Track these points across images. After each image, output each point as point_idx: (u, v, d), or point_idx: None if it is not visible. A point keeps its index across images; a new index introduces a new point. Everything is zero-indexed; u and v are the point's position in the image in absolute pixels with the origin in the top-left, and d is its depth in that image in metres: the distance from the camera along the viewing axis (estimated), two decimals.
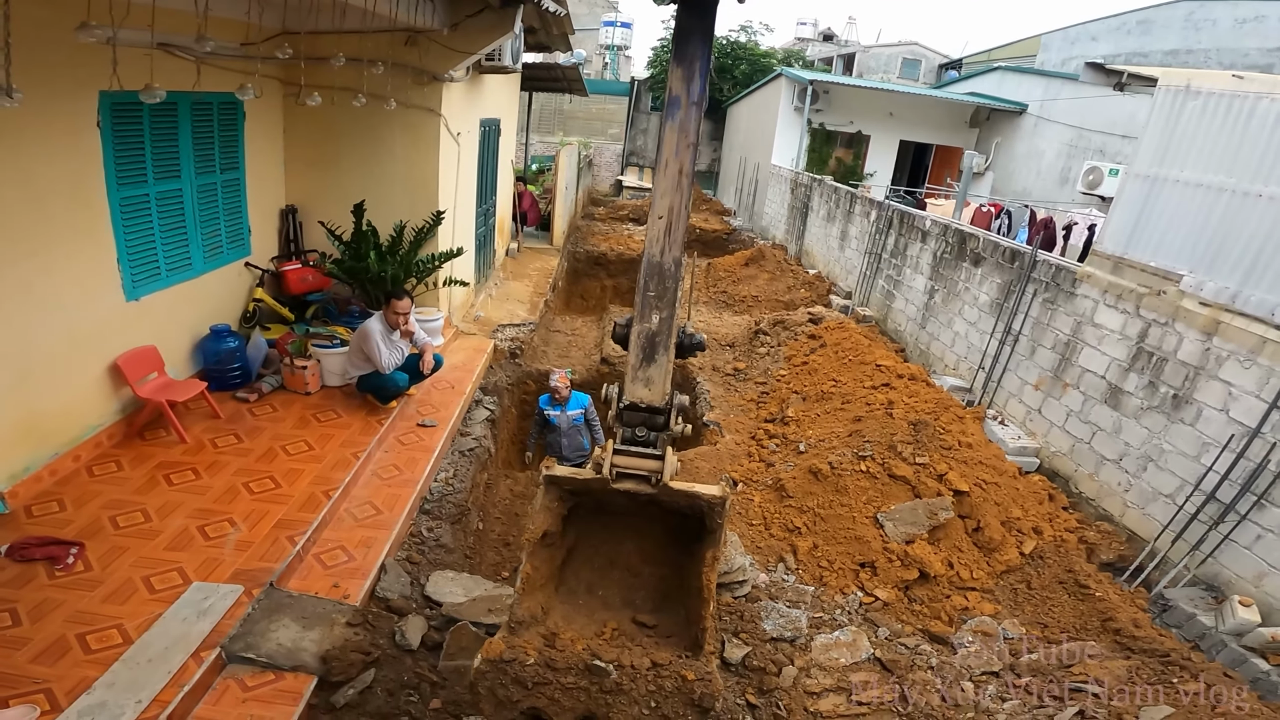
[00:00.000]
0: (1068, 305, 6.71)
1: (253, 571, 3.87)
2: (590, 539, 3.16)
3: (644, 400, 2.89)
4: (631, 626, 3.07)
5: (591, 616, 3.09)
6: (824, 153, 18.22)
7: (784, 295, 11.84)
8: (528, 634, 2.94)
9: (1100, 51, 17.53)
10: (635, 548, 3.17)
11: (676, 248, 2.89)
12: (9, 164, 3.90)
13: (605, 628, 3.05)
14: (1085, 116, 14.97)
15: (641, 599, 3.17)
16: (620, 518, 3.04)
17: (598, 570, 3.19)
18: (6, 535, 3.88)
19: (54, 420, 4.45)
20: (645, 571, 3.18)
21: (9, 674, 3.08)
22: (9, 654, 3.17)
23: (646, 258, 2.93)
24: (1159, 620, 4.79)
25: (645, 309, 2.89)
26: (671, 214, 2.89)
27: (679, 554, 3.11)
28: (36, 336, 4.25)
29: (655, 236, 2.90)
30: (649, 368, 2.87)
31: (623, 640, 2.97)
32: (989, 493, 5.23)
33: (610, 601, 3.19)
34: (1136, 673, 4.03)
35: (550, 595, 3.09)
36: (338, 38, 5.59)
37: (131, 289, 4.92)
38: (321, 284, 6.86)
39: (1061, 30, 19.87)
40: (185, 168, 5.29)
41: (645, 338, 2.87)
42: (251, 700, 3.22)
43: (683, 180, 2.91)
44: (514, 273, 11.40)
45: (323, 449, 5.18)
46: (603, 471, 2.78)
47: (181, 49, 4.77)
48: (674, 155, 2.94)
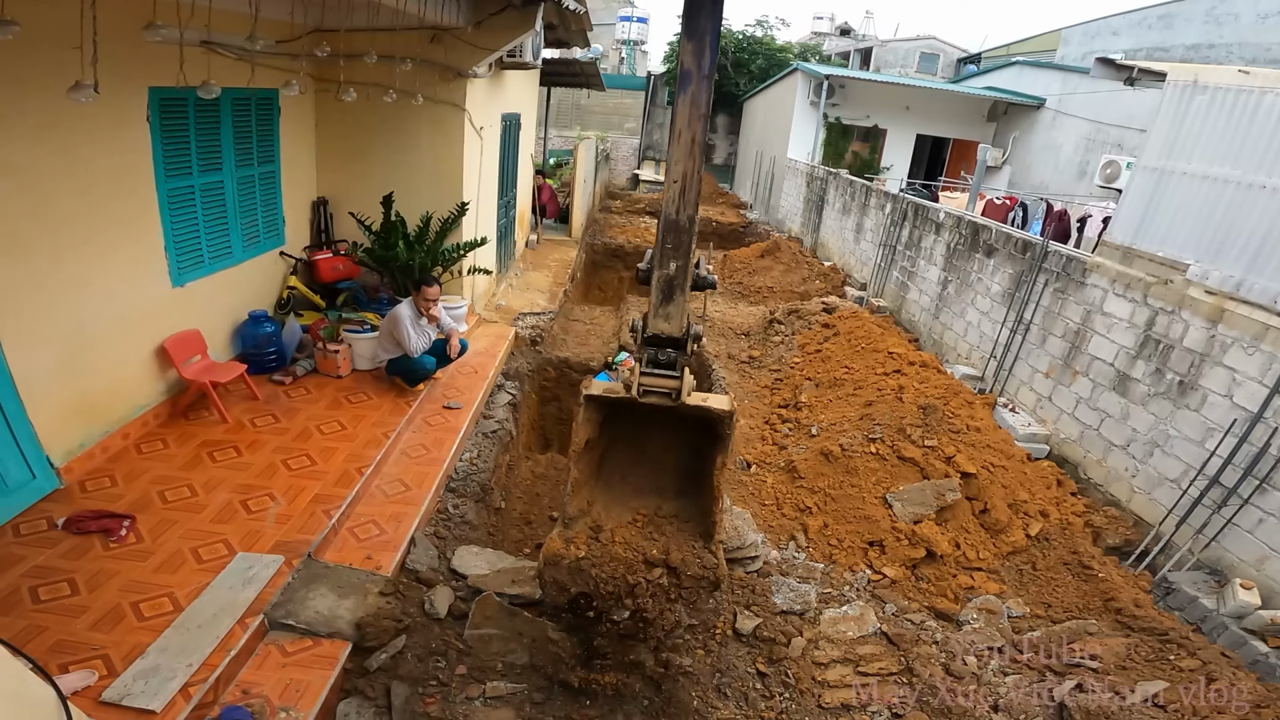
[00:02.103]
0: (1078, 295, 6.82)
1: (292, 543, 4.05)
2: (622, 440, 3.65)
3: (664, 332, 3.30)
4: (658, 515, 3.63)
5: (626, 504, 3.65)
6: (840, 146, 18.27)
7: (799, 286, 11.98)
8: (577, 527, 3.50)
9: (1121, 46, 17.40)
10: (659, 444, 3.65)
11: (690, 206, 3.18)
12: (66, 156, 4.12)
13: (637, 515, 3.61)
14: (1103, 110, 14.92)
15: (666, 483, 3.71)
16: (647, 423, 3.50)
17: (629, 461, 3.71)
18: (63, 509, 4.08)
19: (105, 400, 4.67)
20: (668, 462, 3.69)
21: (69, 641, 3.22)
22: (68, 622, 3.32)
23: (664, 215, 3.20)
24: (1162, 603, 4.92)
25: (664, 258, 3.22)
26: (685, 178, 3.16)
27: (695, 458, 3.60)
28: (90, 320, 4.46)
29: (671, 198, 3.18)
30: (668, 306, 3.27)
31: (650, 529, 3.57)
32: (996, 476, 5.38)
33: (640, 488, 3.72)
34: (1135, 650, 4.18)
35: (593, 490, 3.64)
36: (370, 36, 5.82)
37: (177, 275, 5.18)
38: (351, 272, 7.12)
39: (1082, 25, 19.70)
40: (226, 161, 5.55)
41: (664, 281, 3.24)
42: (291, 665, 3.38)
43: (695, 148, 3.13)
44: (534, 263, 11.63)
45: (355, 429, 5.40)
46: (631, 390, 3.24)
47: (227, 47, 4.99)
48: (686, 126, 3.14)
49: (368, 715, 3.32)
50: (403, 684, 3.44)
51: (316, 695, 3.24)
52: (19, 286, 3.93)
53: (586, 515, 3.54)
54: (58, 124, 4.02)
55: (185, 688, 3.05)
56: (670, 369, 3.31)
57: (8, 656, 2.46)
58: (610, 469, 3.70)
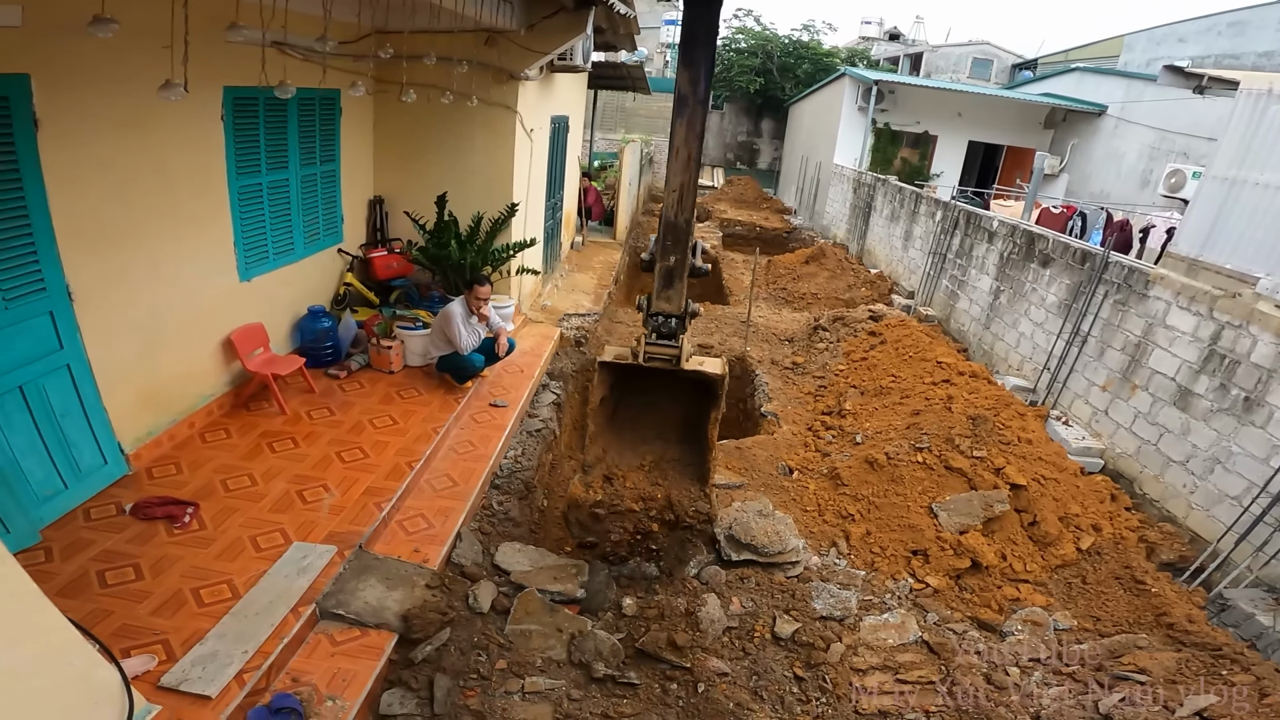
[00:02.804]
0: (1139, 307, 6.61)
1: (344, 534, 4.12)
2: (631, 397, 4.23)
3: (665, 311, 3.87)
4: (662, 460, 4.30)
5: (635, 450, 4.32)
6: (889, 152, 18.02)
7: (844, 293, 11.85)
8: (594, 473, 4.18)
9: (1188, 53, 16.76)
10: (663, 401, 4.23)
11: (687, 210, 3.65)
12: (150, 153, 4.30)
13: (644, 460, 4.29)
14: (1169, 119, 14.40)
15: (669, 432, 4.31)
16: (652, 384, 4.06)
17: (638, 415, 4.30)
18: (131, 495, 4.20)
19: (174, 389, 4.83)
20: (671, 415, 4.28)
21: (132, 625, 3.27)
22: (132, 606, 3.38)
23: (665, 217, 3.69)
24: (1216, 619, 4.75)
25: (665, 252, 3.74)
26: (683, 188, 3.60)
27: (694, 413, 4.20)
28: (165, 312, 4.62)
29: (671, 204, 3.64)
30: (668, 290, 3.82)
31: (655, 474, 4.26)
32: (1048, 488, 5.25)
33: (647, 436, 4.34)
34: (1186, 664, 4.04)
35: (607, 439, 4.27)
36: (429, 37, 5.97)
37: (245, 270, 5.38)
38: (405, 270, 7.31)
39: (1146, 31, 19.05)
40: (292, 159, 5.75)
41: (665, 271, 3.78)
42: (339, 654, 3.43)
43: (690, 163, 3.55)
44: (579, 265, 11.75)
45: (406, 424, 5.50)
46: (638, 356, 3.85)
47: (295, 47, 5.16)
48: (684, 144, 3.55)
49: (410, 706, 3.36)
50: (445, 676, 3.49)
51: (362, 685, 3.29)
52: (104, 279, 4.10)
53: (602, 462, 4.20)
54: (143, 121, 4.19)
55: (240, 674, 3.10)
56: (671, 339, 3.85)
57: (81, 641, 2.58)
58: (621, 421, 4.28)
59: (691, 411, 4.18)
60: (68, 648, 2.51)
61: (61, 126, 3.65)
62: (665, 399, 4.21)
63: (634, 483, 4.21)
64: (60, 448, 3.95)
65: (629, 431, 4.30)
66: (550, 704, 3.53)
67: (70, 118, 3.70)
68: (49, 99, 3.56)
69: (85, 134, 3.84)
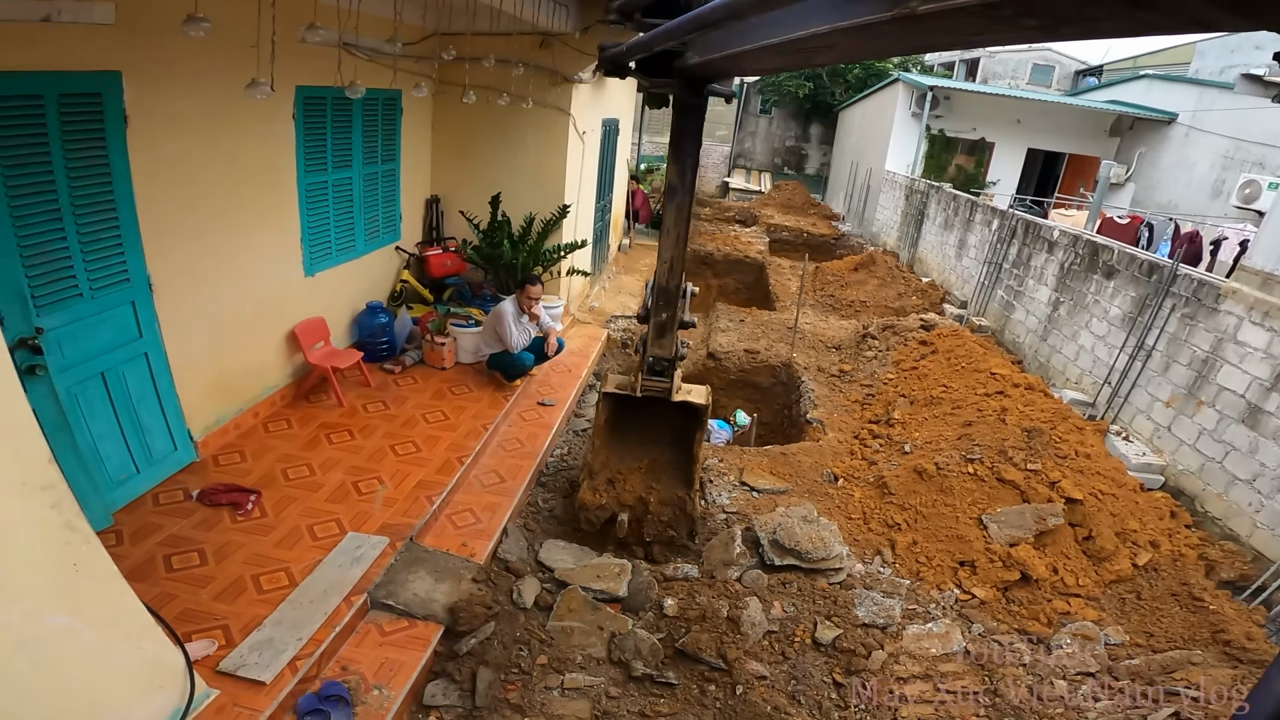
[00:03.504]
0: (1208, 321, 6.34)
1: (396, 526, 4.21)
2: (631, 415, 4.93)
3: (659, 355, 4.55)
4: (656, 464, 5.00)
5: (633, 454, 5.03)
6: (943, 159, 17.61)
7: (894, 302, 11.64)
8: (599, 480, 4.89)
9: (1265, 60, 15.98)
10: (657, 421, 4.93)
11: (676, 278, 4.26)
12: (226, 150, 4.48)
13: (640, 463, 5.00)
14: (1243, 127, 13.74)
15: (663, 439, 5.02)
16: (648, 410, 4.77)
17: (636, 424, 4.98)
18: (198, 481, 4.36)
19: (242, 380, 5.03)
20: (664, 430, 4.99)
21: (195, 610, 3.38)
22: (196, 591, 3.50)
23: (656, 282, 4.33)
24: (1275, 638, 4.54)
25: (657, 310, 4.40)
26: (673, 260, 4.17)
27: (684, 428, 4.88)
28: (234, 304, 4.81)
29: (662, 272, 4.24)
30: (661, 339, 4.50)
31: (649, 478, 4.96)
32: (1105, 503, 5.08)
33: (645, 441, 5.04)
34: (1241, 681, 3.87)
35: (609, 450, 4.99)
36: (488, 40, 6.11)
37: (309, 265, 5.58)
38: (458, 268, 7.48)
39: (1220, 38, 18.22)
40: (355, 158, 5.95)
41: (658, 325, 4.45)
42: (387, 644, 3.50)
43: (679, 241, 4.12)
44: (625, 267, 11.83)
45: (456, 419, 5.62)
46: (635, 389, 4.58)
47: (361, 48, 5.32)
48: (674, 225, 4.09)
49: (453, 698, 3.41)
50: (488, 669, 3.53)
51: (408, 675, 3.35)
52: (181, 271, 4.30)
53: (606, 469, 4.94)
54: (222, 120, 4.37)
55: (293, 661, 3.17)
56: (663, 376, 4.59)
57: (152, 624, 2.71)
58: (621, 434, 5.00)
59: (681, 427, 4.89)
60: (142, 631, 2.64)
61: (148, 123, 3.83)
62: (659, 418, 4.88)
63: (632, 485, 4.90)
64: (135, 433, 4.13)
65: (628, 440, 5.03)
66: (589, 701, 3.55)
67: (157, 115, 3.88)
68: (138, 96, 3.73)
69: (170, 131, 4.02)
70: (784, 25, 1.75)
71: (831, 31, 1.50)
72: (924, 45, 1.78)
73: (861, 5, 1.36)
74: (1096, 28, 1.01)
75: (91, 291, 3.73)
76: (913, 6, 1.17)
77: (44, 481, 2.19)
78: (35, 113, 3.26)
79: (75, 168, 3.49)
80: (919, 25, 1.21)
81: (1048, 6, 1.00)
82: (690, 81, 3.56)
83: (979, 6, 1.04)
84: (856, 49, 1.76)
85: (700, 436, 4.76)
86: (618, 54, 3.49)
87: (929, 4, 1.13)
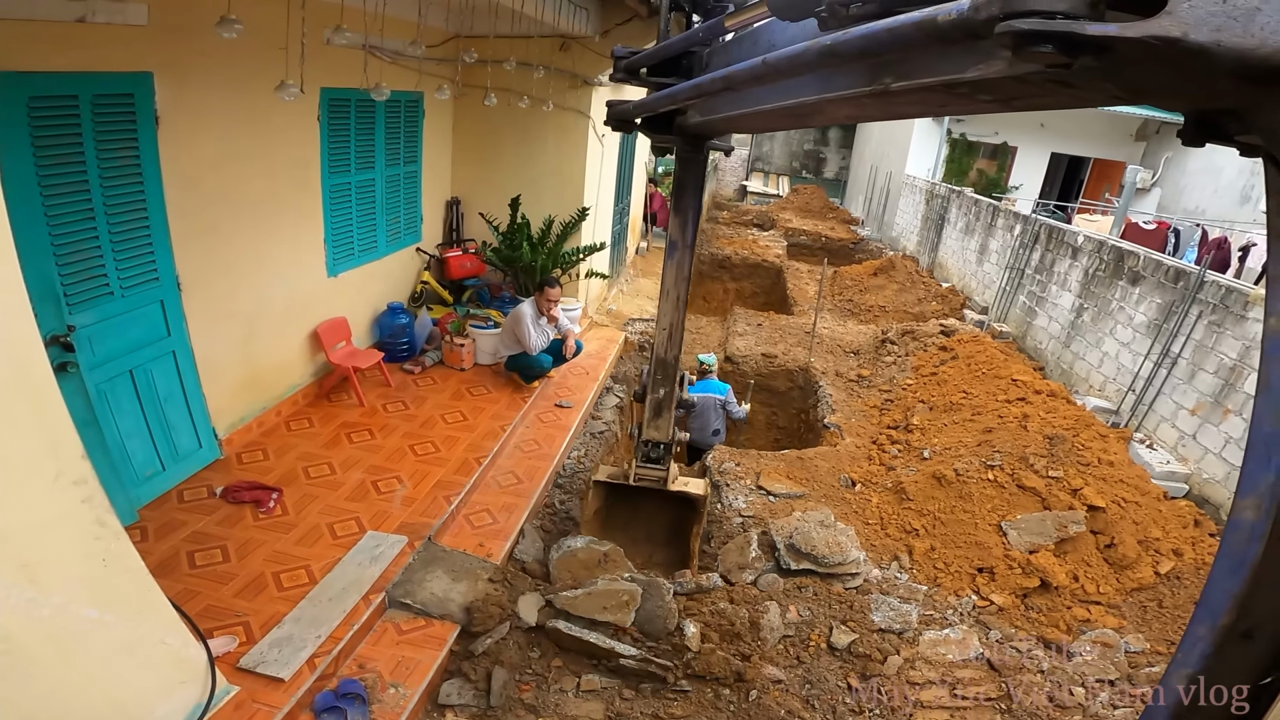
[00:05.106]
0: (1236, 329, 6.23)
1: (414, 525, 4.23)
2: (624, 503, 4.75)
3: (654, 439, 4.36)
4: (649, 564, 4.68)
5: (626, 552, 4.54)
6: (964, 164, 17.44)
7: (913, 307, 11.55)
8: None
9: None
10: (651, 511, 4.75)
11: (676, 348, 4.05)
12: (252, 151, 4.54)
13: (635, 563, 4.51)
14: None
15: (657, 534, 4.82)
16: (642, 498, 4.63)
17: (629, 516, 4.81)
18: (222, 478, 4.40)
19: (267, 378, 5.09)
20: (658, 522, 4.80)
21: (217, 607, 3.40)
22: (218, 588, 3.52)
23: (655, 354, 4.12)
24: None
25: (655, 385, 4.16)
26: (672, 327, 3.96)
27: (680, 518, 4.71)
28: (264, 304, 4.88)
29: (661, 341, 4.03)
30: (657, 420, 4.29)
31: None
32: (1128, 511, 5.01)
33: (637, 538, 4.79)
34: None
35: None
36: (509, 43, 6.15)
37: (333, 265, 5.64)
38: (478, 270, 7.53)
39: None
40: (378, 160, 6.01)
41: (655, 403, 4.22)
42: (404, 643, 3.52)
43: (679, 304, 3.93)
44: (643, 270, 11.84)
45: (475, 420, 5.64)
46: (629, 478, 4.45)
47: (384, 51, 5.37)
48: (674, 286, 3.93)
49: (467, 697, 3.42)
50: (502, 669, 3.53)
51: (424, 674, 3.36)
52: (208, 271, 4.36)
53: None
54: (249, 121, 4.43)
55: (311, 658, 3.19)
56: (659, 463, 4.39)
57: (177, 620, 2.75)
58: (614, 525, 4.80)
59: (676, 518, 4.70)
60: (167, 626, 2.68)
61: (178, 124, 3.90)
62: (652, 509, 4.75)
63: None
64: (161, 431, 4.19)
65: (620, 534, 4.80)
66: (602, 703, 3.55)
67: (187, 116, 3.94)
68: (169, 97, 3.80)
69: (198, 131, 4.08)
70: (777, 94, 1.98)
71: (819, 100, 1.73)
72: (900, 114, 1.96)
73: (844, 79, 1.56)
74: (1040, 102, 1.30)
75: (122, 290, 3.80)
76: (887, 84, 1.38)
77: (76, 476, 2.24)
78: (70, 113, 3.33)
79: (108, 168, 3.56)
80: (894, 98, 1.43)
81: (996, 88, 1.20)
82: (691, 138, 3.71)
83: (940, 86, 1.25)
84: (843, 114, 2.00)
85: (698, 530, 4.54)
86: (624, 111, 3.65)
87: (900, 82, 1.35)
